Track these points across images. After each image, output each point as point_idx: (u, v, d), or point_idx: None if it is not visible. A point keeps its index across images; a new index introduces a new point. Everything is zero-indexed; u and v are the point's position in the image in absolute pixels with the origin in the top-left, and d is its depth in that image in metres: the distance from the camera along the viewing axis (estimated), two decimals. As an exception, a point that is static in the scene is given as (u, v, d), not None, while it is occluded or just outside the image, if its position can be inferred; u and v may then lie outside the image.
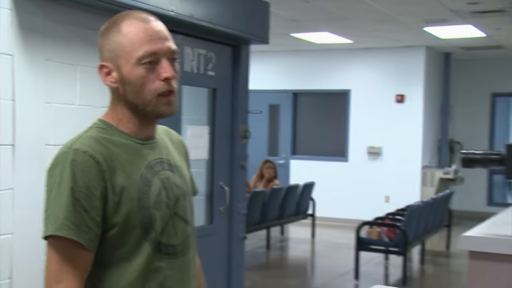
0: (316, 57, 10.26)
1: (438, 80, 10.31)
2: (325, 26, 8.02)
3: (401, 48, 9.62)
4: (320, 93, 10.60)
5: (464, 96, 10.91)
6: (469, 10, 6.57)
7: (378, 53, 9.88)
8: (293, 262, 7.97)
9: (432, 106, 10.08)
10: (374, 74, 10.05)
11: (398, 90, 9.76)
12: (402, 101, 9.75)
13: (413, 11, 6.93)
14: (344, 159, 10.30)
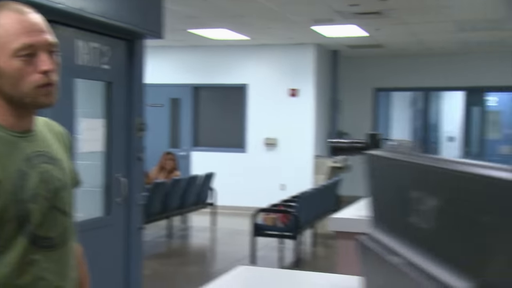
0: (215, 53, 10.28)
1: (327, 76, 10.62)
2: (222, 23, 8.04)
3: (294, 45, 9.82)
4: (220, 87, 10.64)
5: (351, 91, 11.26)
6: (351, 11, 6.79)
7: (273, 50, 10.04)
8: (194, 250, 7.99)
9: (323, 100, 10.37)
10: (269, 69, 10.20)
11: (291, 85, 9.96)
12: (295, 95, 9.96)
13: (303, 11, 7.08)
14: (242, 150, 10.40)
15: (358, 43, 9.41)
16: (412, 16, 7.27)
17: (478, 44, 9.50)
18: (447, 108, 12.80)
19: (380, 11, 6.82)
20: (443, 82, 10.90)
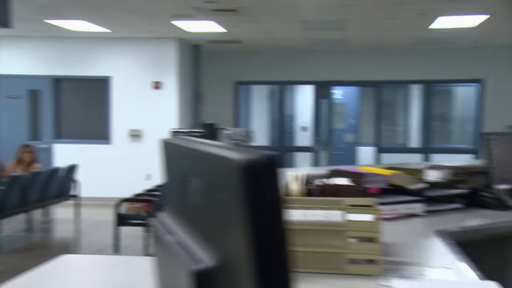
0: (77, 44, 9.93)
1: (190, 70, 10.64)
2: (81, 15, 7.76)
3: (156, 39, 9.73)
4: (82, 79, 10.29)
5: (213, 84, 11.40)
6: (208, 7, 6.85)
7: (135, 43, 9.88)
8: (56, 242, 7.68)
9: (186, 93, 10.40)
10: (132, 62, 10.04)
11: (155, 78, 9.89)
12: (159, 87, 9.90)
13: (161, 6, 7.04)
14: (107, 142, 10.17)
15: (218, 38, 9.52)
16: (263, 14, 7.48)
17: (323, 42, 9.99)
18: (300, 101, 13.33)
19: (235, 9, 6.94)
20: (295, 77, 11.36)
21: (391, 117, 13.32)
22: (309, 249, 1.79)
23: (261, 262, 0.46)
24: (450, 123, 13.13)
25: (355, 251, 1.79)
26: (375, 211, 1.87)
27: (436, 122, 12.25)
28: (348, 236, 1.80)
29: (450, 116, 13.16)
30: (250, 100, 13.33)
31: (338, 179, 2.37)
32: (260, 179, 0.45)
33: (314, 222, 1.81)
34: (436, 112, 12.18)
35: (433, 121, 11.74)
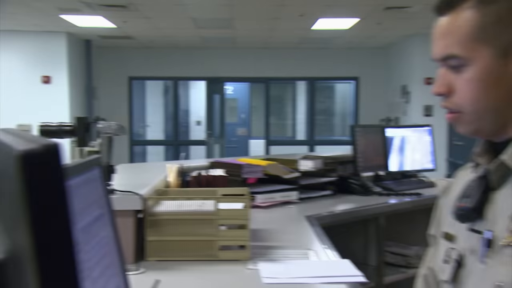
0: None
1: (81, 64, 10.27)
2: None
3: (44, 33, 9.25)
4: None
5: (106, 79, 11.07)
6: (96, 2, 6.64)
7: (22, 36, 9.35)
8: None
9: (78, 87, 10.02)
10: (20, 56, 9.49)
11: (44, 72, 9.42)
12: (48, 82, 9.47)
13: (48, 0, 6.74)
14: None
15: (109, 34, 9.25)
16: (153, 11, 7.37)
17: (215, 40, 10.03)
18: (194, 96, 13.31)
19: (124, 5, 6.78)
20: (189, 73, 11.31)
21: (279, 111, 13.63)
22: (183, 238, 1.81)
23: (41, 256, 0.45)
24: (333, 117, 13.67)
25: (226, 238, 1.83)
26: (246, 200, 1.93)
27: (320, 116, 12.70)
28: (220, 224, 1.84)
29: (332, 111, 13.69)
30: (145, 95, 13.11)
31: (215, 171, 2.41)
32: (38, 169, 0.44)
33: (187, 212, 1.83)
34: (320, 107, 12.63)
35: (318, 115, 12.15)
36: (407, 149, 3.53)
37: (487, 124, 0.93)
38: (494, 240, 0.89)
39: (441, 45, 0.93)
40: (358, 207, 2.88)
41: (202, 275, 1.67)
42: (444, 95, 0.95)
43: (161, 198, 1.93)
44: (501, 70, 0.89)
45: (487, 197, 0.93)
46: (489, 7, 0.88)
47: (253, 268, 1.72)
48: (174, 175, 2.12)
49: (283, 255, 1.88)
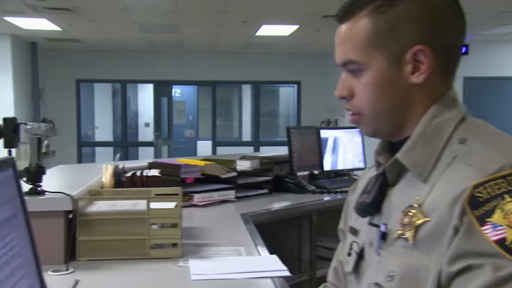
0: None
1: (27, 66, 9.92)
2: None
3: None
4: None
5: (54, 81, 10.78)
6: (40, 5, 6.43)
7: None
8: None
9: (23, 89, 9.68)
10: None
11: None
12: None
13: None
14: None
15: (55, 36, 8.99)
16: (98, 15, 7.21)
17: (162, 44, 9.93)
18: (143, 98, 13.12)
19: (69, 8, 6.60)
20: (137, 75, 11.14)
21: (226, 113, 13.62)
22: (115, 238, 1.77)
23: None
24: (277, 119, 13.76)
25: (158, 236, 1.80)
26: (178, 199, 1.90)
27: (265, 118, 12.76)
28: (152, 223, 1.81)
29: (277, 113, 13.77)
30: (93, 97, 12.84)
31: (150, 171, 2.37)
32: None
33: (119, 211, 1.80)
34: (265, 109, 12.68)
35: (263, 117, 12.21)
36: (339, 149, 3.58)
37: (384, 126, 0.94)
38: (388, 233, 0.91)
39: (341, 51, 0.95)
40: (293, 205, 2.90)
41: (132, 274, 1.64)
42: (346, 98, 0.96)
43: (94, 199, 1.88)
44: (395, 75, 0.90)
45: (385, 193, 0.95)
46: (382, 16, 0.89)
47: (183, 265, 1.70)
48: (108, 176, 2.07)
49: (214, 252, 1.87)
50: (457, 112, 0.91)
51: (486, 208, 0.78)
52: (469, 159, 0.84)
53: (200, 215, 2.56)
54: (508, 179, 0.78)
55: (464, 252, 0.78)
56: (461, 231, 0.79)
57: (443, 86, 0.93)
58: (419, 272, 0.83)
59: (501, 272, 0.74)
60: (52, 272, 1.58)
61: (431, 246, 0.83)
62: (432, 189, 0.86)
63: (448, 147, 0.88)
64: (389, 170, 0.94)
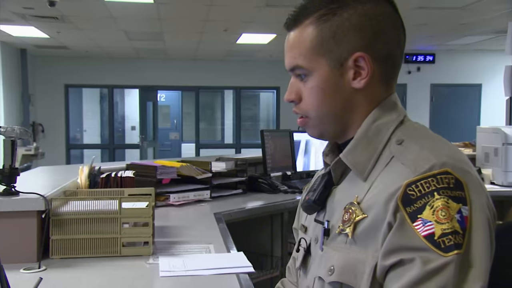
0: None
1: (16, 72, 9.80)
2: None
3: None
4: None
5: (43, 86, 10.67)
6: (28, 13, 6.35)
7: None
8: None
9: (13, 94, 9.56)
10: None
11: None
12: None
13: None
14: None
15: (43, 43, 8.89)
16: (85, 23, 7.15)
17: (147, 51, 9.87)
18: (129, 103, 13.02)
19: (56, 16, 6.53)
20: (123, 81, 11.08)
21: (209, 117, 13.57)
22: (88, 236, 1.74)
23: None
24: (258, 122, 13.75)
25: (129, 235, 1.78)
26: (150, 199, 1.88)
27: (246, 122, 12.74)
28: (124, 222, 1.79)
29: (257, 117, 13.76)
30: (81, 101, 12.71)
31: (125, 172, 2.34)
32: None
33: (91, 211, 1.77)
34: (246, 114, 12.67)
35: (244, 121, 12.20)
36: (311, 151, 3.58)
37: (329, 128, 0.94)
38: (331, 229, 0.91)
39: (289, 56, 0.96)
40: (266, 204, 2.89)
41: (103, 271, 1.61)
42: (294, 102, 0.96)
43: (68, 199, 1.85)
44: (337, 79, 0.91)
45: (329, 192, 0.95)
46: (325, 24, 0.90)
47: (153, 263, 1.68)
48: (84, 177, 2.04)
49: (185, 250, 1.85)
50: (397, 115, 0.92)
51: (417, 205, 0.78)
52: (404, 159, 0.84)
53: (175, 214, 2.53)
54: (437, 177, 0.79)
55: (397, 247, 0.79)
56: (395, 226, 0.79)
57: (384, 91, 0.93)
58: (356, 265, 0.84)
59: (429, 266, 0.75)
60: (24, 270, 1.55)
61: (368, 241, 0.83)
62: (370, 187, 0.86)
63: (387, 148, 0.89)
64: (334, 170, 0.95)
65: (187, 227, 2.25)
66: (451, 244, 0.76)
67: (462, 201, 0.78)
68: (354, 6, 0.89)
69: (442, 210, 0.77)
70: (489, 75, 9.85)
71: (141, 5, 5.94)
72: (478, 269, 0.76)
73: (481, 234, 0.78)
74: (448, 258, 0.75)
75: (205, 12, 6.39)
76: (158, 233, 2.02)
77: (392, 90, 0.95)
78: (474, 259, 0.76)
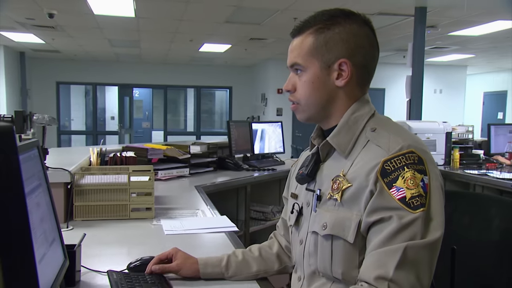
0: None
1: (16, 71, 9.25)
2: None
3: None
4: None
5: (38, 83, 10.13)
6: (29, 23, 6.01)
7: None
8: None
9: (13, 89, 9.02)
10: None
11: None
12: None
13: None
14: None
15: (39, 48, 8.43)
16: (76, 32, 6.84)
17: (126, 55, 9.57)
18: (109, 97, 12.57)
19: (53, 26, 6.21)
20: (105, 79, 10.69)
21: (174, 110, 13.34)
22: (103, 203, 1.73)
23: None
24: (213, 115, 13.66)
25: (136, 202, 1.77)
26: (151, 174, 1.88)
27: (204, 114, 12.63)
28: (131, 192, 1.78)
29: (213, 110, 13.67)
30: (70, 96, 12.16)
31: (128, 153, 2.31)
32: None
33: (106, 183, 1.75)
34: (204, 108, 12.54)
35: (202, 113, 12.08)
36: (266, 138, 3.63)
37: (314, 114, 0.97)
38: (321, 195, 0.94)
39: (291, 56, 0.97)
40: (232, 179, 2.90)
41: (118, 230, 1.61)
42: (290, 92, 0.99)
43: (85, 173, 1.82)
44: (325, 77, 0.94)
45: (318, 167, 0.98)
46: (321, 35, 0.93)
47: (157, 224, 1.69)
48: (95, 156, 2.00)
49: (179, 214, 1.87)
50: (369, 109, 0.96)
51: (392, 176, 0.83)
52: (378, 142, 0.89)
53: (163, 187, 2.52)
54: (406, 155, 0.84)
55: (378, 207, 0.83)
56: (376, 193, 0.84)
57: (360, 92, 0.97)
58: (344, 222, 0.88)
59: (403, 220, 0.80)
60: (55, 230, 1.53)
61: (353, 204, 0.87)
62: (352, 163, 0.90)
63: (363, 134, 0.93)
64: (321, 150, 0.98)
65: (175, 196, 2.25)
66: (418, 204, 0.81)
67: (424, 173, 0.83)
68: (344, 25, 0.93)
69: (410, 180, 0.82)
70: (391, 82, 10.25)
71: (124, 18, 5.75)
72: (437, 221, 0.82)
73: (437, 196, 0.84)
74: (417, 214, 0.80)
75: (176, 26, 6.28)
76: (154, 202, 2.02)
77: (366, 91, 0.99)
78: (433, 213, 0.82)
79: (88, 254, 1.26)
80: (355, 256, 0.86)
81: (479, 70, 11.27)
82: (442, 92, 10.76)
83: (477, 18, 5.54)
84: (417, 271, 0.79)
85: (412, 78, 5.20)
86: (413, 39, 5.18)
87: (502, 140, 3.86)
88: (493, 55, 8.77)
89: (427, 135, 3.57)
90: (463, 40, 7.03)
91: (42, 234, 0.80)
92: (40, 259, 0.75)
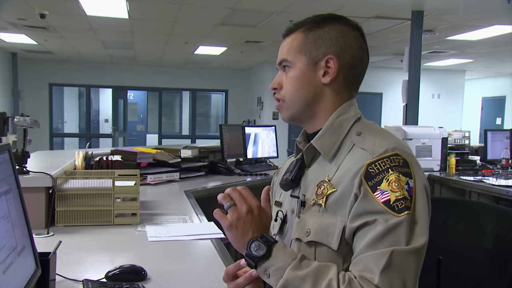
0: None
1: (8, 72, 9.21)
2: None
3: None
4: None
5: (30, 85, 10.09)
6: (21, 23, 5.98)
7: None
8: None
9: (5, 90, 8.98)
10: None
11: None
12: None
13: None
14: None
15: (32, 49, 8.39)
16: (68, 33, 6.82)
17: (120, 57, 9.56)
18: (103, 99, 12.53)
19: (45, 26, 6.18)
20: (99, 81, 10.66)
21: (169, 113, 13.31)
22: (86, 208, 1.70)
23: None
24: (209, 118, 13.64)
25: (121, 207, 1.75)
26: (136, 179, 1.85)
27: (200, 118, 12.61)
28: (116, 197, 1.75)
29: (209, 114, 13.65)
30: (63, 97, 12.12)
31: (115, 156, 2.28)
32: None
33: (89, 187, 1.72)
34: (200, 111, 12.53)
35: (198, 117, 12.06)
36: (259, 142, 3.62)
37: (298, 112, 0.96)
38: (306, 201, 0.93)
39: (280, 53, 0.97)
40: (223, 184, 2.88)
41: (100, 236, 1.58)
42: (276, 89, 0.98)
43: (69, 177, 1.79)
44: (311, 74, 0.93)
45: (303, 172, 0.97)
46: (310, 33, 0.94)
47: (141, 230, 1.67)
48: (80, 160, 1.98)
49: (165, 220, 1.84)
50: (355, 113, 0.95)
51: (376, 179, 0.82)
52: (363, 145, 0.88)
53: (152, 191, 2.50)
54: (390, 158, 0.83)
55: (362, 212, 0.82)
56: (360, 197, 0.82)
57: (347, 95, 0.96)
58: (328, 228, 0.86)
59: (388, 223, 0.79)
60: (35, 235, 1.50)
61: (337, 209, 0.86)
62: (338, 168, 0.89)
63: (348, 137, 0.92)
64: (306, 154, 0.96)
65: (164, 201, 2.22)
66: (403, 207, 0.79)
67: (409, 176, 0.82)
68: (334, 24, 0.93)
69: (395, 182, 0.80)
70: (388, 86, 10.27)
71: (118, 20, 5.73)
72: (422, 224, 0.80)
73: (422, 199, 0.82)
74: (401, 218, 0.79)
75: (170, 28, 6.27)
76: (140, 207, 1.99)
77: (353, 96, 0.98)
78: (418, 217, 0.80)
79: (66, 262, 1.23)
80: (339, 264, 0.84)
81: (477, 75, 11.32)
82: (440, 97, 10.79)
83: (474, 22, 5.56)
84: (403, 277, 0.77)
85: (408, 82, 5.20)
86: (410, 42, 5.18)
87: (498, 146, 3.86)
88: (492, 60, 8.80)
89: (423, 140, 3.56)
90: (461, 45, 7.05)
91: (7, 242, 0.77)
92: (4, 269, 0.72)
